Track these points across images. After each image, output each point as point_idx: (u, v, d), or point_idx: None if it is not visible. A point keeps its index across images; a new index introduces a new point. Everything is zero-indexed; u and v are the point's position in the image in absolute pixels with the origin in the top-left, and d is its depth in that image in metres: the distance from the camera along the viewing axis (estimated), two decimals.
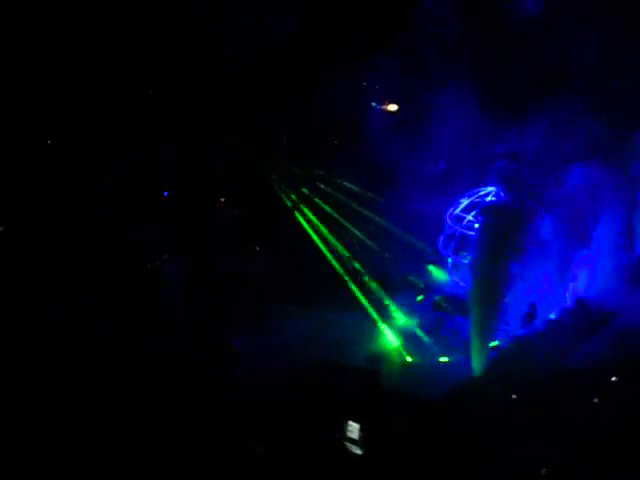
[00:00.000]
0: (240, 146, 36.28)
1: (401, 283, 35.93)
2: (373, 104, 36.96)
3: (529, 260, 32.40)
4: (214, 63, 35.12)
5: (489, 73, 34.98)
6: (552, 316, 33.18)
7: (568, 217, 32.95)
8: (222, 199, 36.67)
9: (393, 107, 36.87)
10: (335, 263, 35.69)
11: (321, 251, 36.04)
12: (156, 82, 35.62)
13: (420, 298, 35.53)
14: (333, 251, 36.07)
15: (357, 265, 35.79)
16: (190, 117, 35.54)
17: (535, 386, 29.25)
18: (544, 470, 26.90)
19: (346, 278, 35.25)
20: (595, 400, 28.64)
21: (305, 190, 37.20)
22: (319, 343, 32.78)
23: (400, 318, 34.55)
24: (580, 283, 33.50)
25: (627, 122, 33.07)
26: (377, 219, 37.15)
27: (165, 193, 36.47)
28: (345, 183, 37.66)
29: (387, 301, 34.88)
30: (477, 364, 31.51)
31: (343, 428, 28.37)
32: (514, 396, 29.04)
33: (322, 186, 37.39)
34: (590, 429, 27.43)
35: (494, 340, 31.80)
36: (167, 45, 34.80)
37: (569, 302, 33.45)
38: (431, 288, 35.95)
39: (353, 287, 35.01)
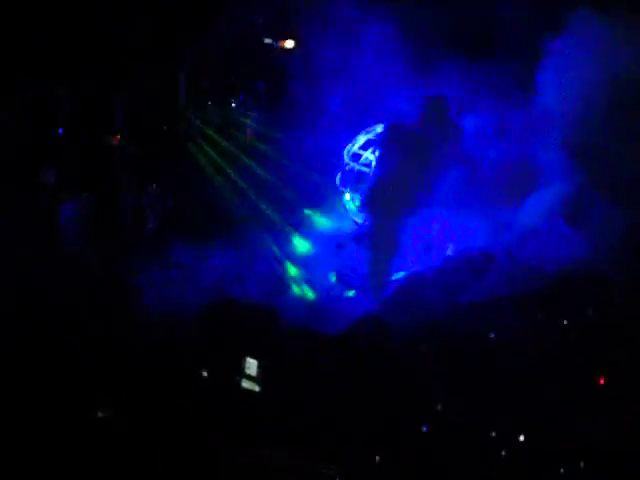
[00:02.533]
0: (136, 82, 35.67)
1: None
2: (268, 40, 36.55)
3: (428, 196, 32.53)
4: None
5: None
6: (449, 252, 33.51)
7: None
8: (118, 136, 36.11)
9: (290, 43, 36.48)
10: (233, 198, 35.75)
11: (219, 186, 35.99)
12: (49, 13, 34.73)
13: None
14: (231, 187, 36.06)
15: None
16: (85, 50, 34.75)
17: (433, 321, 29.67)
18: (439, 405, 27.43)
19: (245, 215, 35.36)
20: (492, 335, 29.19)
21: (202, 126, 36.91)
22: (219, 278, 32.86)
23: (300, 253, 34.69)
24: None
25: None
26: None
27: (60, 130, 35.75)
28: (243, 120, 37.41)
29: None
30: (375, 299, 31.88)
31: (241, 365, 28.37)
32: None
33: (219, 123, 37.11)
34: (487, 362, 27.96)
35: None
36: None
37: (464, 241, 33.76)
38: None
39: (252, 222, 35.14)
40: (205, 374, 28.35)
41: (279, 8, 35.74)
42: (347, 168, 34.19)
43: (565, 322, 29.35)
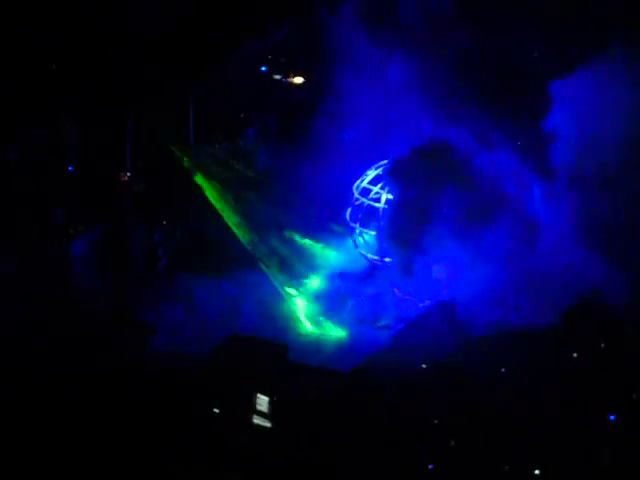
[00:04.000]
0: (146, 119, 35.90)
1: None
2: (277, 76, 36.85)
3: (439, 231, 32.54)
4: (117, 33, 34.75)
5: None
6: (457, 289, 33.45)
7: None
8: (128, 173, 36.34)
9: (299, 80, 36.79)
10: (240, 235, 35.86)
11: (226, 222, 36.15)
12: (58, 52, 34.99)
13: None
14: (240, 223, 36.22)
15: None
16: (94, 89, 35.01)
17: (443, 355, 29.61)
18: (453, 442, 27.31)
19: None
20: (502, 370, 29.09)
21: (210, 162, 37.16)
22: (228, 315, 32.95)
23: (311, 288, 34.75)
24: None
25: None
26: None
27: (70, 168, 35.99)
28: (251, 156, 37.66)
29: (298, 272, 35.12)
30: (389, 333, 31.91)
31: (252, 401, 28.33)
32: (423, 365, 29.33)
33: (228, 158, 37.34)
34: (498, 397, 27.87)
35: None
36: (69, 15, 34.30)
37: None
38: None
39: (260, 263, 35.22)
40: (216, 411, 28.31)
41: (290, 44, 36.10)
42: (356, 203, 34.39)
43: (575, 355, 29.24)
